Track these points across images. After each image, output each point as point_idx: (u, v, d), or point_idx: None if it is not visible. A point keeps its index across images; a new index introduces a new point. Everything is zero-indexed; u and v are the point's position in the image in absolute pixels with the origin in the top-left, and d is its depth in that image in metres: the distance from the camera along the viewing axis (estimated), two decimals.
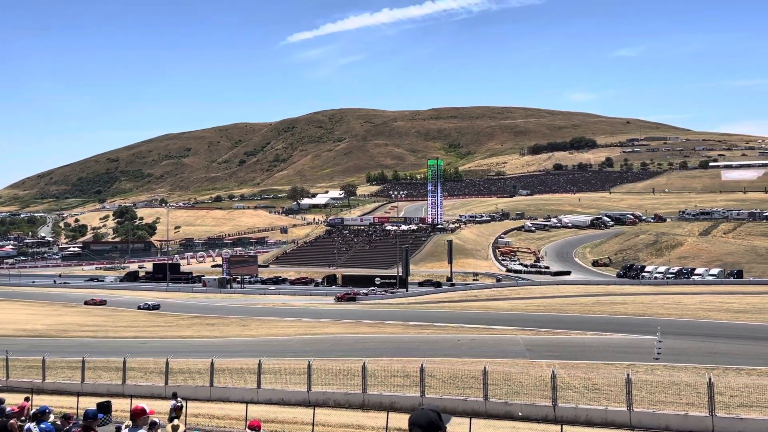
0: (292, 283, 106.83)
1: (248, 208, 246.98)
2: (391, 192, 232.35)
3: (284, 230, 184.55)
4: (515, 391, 26.49)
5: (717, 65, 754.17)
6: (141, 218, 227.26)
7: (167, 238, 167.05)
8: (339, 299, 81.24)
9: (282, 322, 60.93)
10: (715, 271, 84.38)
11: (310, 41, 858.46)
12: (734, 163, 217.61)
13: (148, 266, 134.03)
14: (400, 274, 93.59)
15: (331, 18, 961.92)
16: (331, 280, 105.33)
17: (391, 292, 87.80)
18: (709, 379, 22.31)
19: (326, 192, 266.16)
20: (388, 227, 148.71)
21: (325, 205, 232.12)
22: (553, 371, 24.35)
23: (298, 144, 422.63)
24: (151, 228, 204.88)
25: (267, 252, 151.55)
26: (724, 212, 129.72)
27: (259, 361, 29.67)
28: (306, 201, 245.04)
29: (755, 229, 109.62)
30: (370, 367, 28.13)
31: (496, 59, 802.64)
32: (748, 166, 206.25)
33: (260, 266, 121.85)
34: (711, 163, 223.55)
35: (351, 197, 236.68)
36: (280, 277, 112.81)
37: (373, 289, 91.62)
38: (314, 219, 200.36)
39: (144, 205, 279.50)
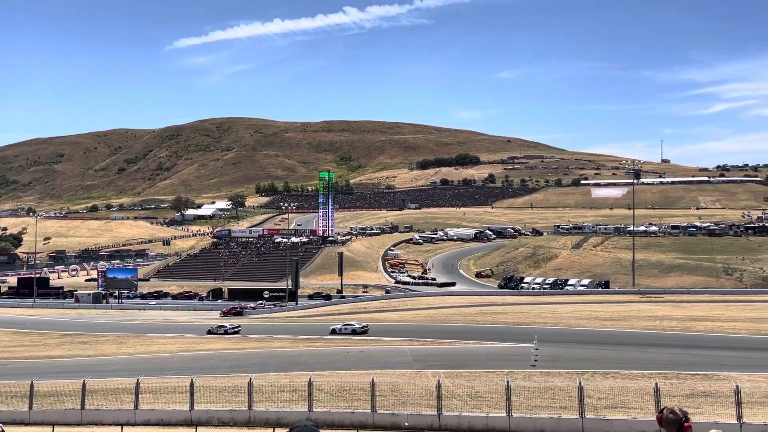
0: (175, 297, 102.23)
1: (128, 218, 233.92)
2: (281, 204, 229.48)
3: (167, 242, 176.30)
4: (402, 401, 26.91)
5: (589, 91, 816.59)
6: (4, 228, 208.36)
7: (35, 250, 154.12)
8: (225, 314, 78.77)
9: (163, 338, 58.07)
10: (585, 281, 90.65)
11: (199, 47, 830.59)
12: (602, 182, 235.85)
13: (12, 281, 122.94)
14: (290, 287, 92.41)
15: (220, 25, 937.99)
16: (216, 294, 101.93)
17: (281, 306, 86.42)
18: (580, 383, 23.85)
19: (213, 203, 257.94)
20: (278, 239, 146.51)
21: (212, 217, 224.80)
22: (438, 381, 25.00)
23: (184, 152, 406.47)
24: (17, 239, 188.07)
25: (148, 265, 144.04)
26: (593, 227, 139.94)
27: (137, 380, 28.05)
28: (191, 212, 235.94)
29: (620, 243, 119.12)
30: (256, 382, 27.47)
31: (386, 75, 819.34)
32: (615, 184, 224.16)
33: (140, 280, 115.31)
34: (582, 181, 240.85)
35: (239, 208, 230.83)
36: (162, 291, 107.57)
37: (262, 303, 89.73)
38: (200, 231, 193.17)
39: (8, 214, 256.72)
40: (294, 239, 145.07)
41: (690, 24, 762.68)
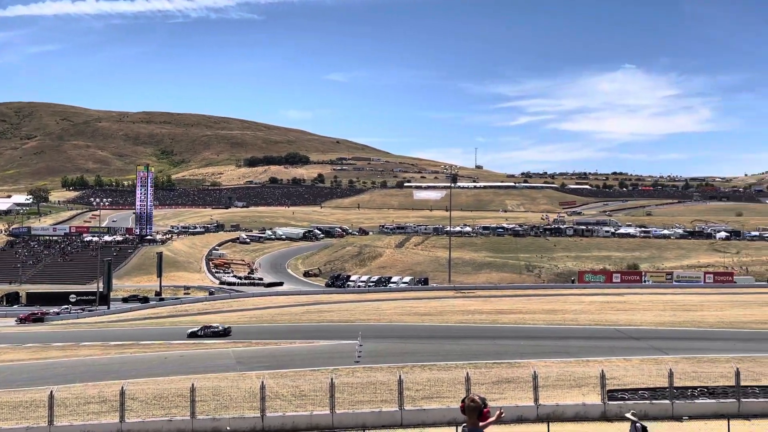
0: None
1: None
2: (92, 199, 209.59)
3: None
4: (224, 405, 26.10)
5: (413, 97, 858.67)
6: None
7: None
8: (22, 320, 70.56)
9: None
10: (407, 279, 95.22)
11: None
12: (424, 185, 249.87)
13: None
14: (101, 289, 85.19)
15: None
16: (12, 298, 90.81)
17: (90, 310, 79.35)
18: (400, 377, 24.94)
19: (9, 196, 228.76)
20: (88, 238, 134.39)
21: (8, 212, 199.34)
22: (263, 382, 24.63)
23: None
24: None
25: None
26: (415, 227, 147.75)
27: None
28: None
29: (438, 242, 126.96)
30: (59, 395, 24.92)
31: (213, 68, 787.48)
32: (434, 187, 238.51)
33: None
34: (406, 184, 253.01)
35: (42, 203, 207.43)
36: None
37: (67, 308, 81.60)
38: None
39: None
40: (107, 238, 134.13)
41: (501, 42, 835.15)
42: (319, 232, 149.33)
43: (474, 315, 57.38)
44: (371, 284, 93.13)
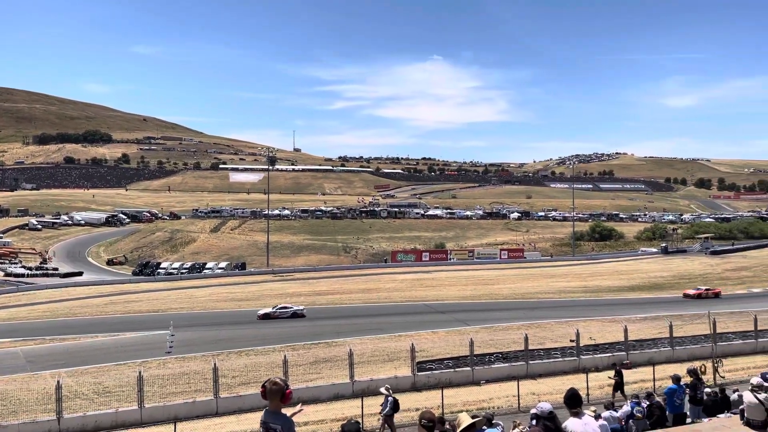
0: None
1: None
2: None
3: None
4: (12, 410, 23.32)
5: (229, 76, 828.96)
6: None
7: None
8: None
9: None
10: (223, 264, 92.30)
11: None
12: (240, 167, 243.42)
13: None
14: None
15: None
16: None
17: None
18: (215, 364, 24.22)
19: None
20: None
21: None
22: (59, 381, 22.40)
23: None
24: None
25: None
26: (231, 210, 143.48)
27: None
28: None
29: (256, 226, 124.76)
30: None
31: None
32: (252, 170, 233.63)
33: None
34: (221, 166, 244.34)
35: None
36: None
37: None
38: None
39: None
40: None
41: (319, 26, 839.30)
42: (124, 216, 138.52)
43: (293, 298, 57.54)
44: (184, 271, 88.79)
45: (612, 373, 23.98)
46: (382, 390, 19.72)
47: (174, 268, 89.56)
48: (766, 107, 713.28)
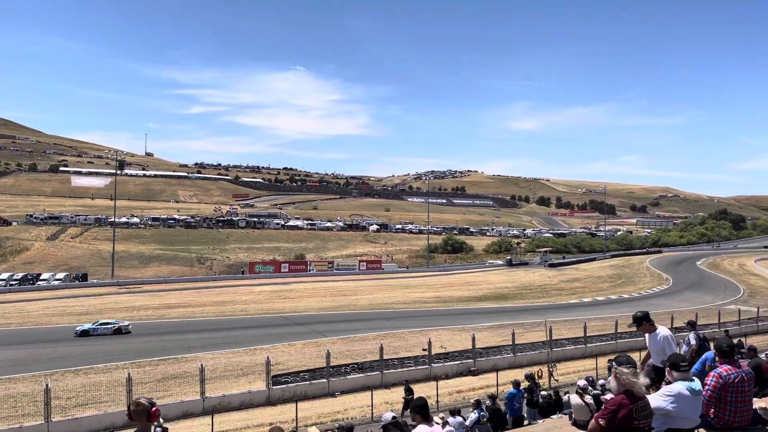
0: None
1: None
2: None
3: None
4: None
5: (70, 72, 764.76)
6: None
7: None
8: None
9: None
10: (61, 275, 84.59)
11: None
12: (84, 170, 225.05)
13: None
14: None
15: None
16: None
17: None
18: (47, 385, 22.05)
19: None
20: None
21: None
22: None
23: None
24: None
25: None
26: (72, 217, 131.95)
27: None
28: None
29: (101, 234, 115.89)
30: None
31: None
32: (97, 173, 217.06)
33: None
34: (62, 168, 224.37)
35: None
36: None
37: None
38: None
39: None
40: None
41: (176, 26, 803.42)
42: None
43: (140, 311, 54.16)
44: (14, 282, 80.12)
45: (404, 392, 22.29)
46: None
47: (2, 279, 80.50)
48: (598, 134, 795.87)
